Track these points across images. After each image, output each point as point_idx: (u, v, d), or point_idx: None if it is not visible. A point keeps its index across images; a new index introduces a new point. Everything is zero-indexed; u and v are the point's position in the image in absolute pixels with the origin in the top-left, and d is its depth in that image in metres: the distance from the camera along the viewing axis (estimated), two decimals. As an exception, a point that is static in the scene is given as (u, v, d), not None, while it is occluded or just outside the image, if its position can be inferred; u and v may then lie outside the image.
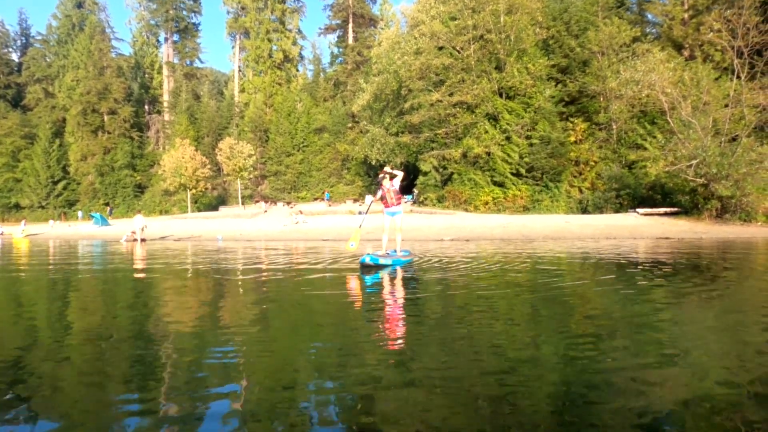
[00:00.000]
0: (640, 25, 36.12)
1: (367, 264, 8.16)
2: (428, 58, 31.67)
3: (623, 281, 6.72)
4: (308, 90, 57.52)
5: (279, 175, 50.69)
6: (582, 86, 31.28)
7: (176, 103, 61.32)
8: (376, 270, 7.92)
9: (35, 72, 66.04)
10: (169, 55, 68.46)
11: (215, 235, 22.24)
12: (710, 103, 23.73)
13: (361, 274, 7.58)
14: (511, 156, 29.57)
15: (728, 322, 4.31)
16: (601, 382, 2.75)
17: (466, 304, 5.25)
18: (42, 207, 56.15)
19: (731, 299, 5.52)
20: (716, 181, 20.73)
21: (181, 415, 2.42)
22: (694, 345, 3.53)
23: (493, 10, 30.10)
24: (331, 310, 5.15)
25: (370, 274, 7.56)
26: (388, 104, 40.24)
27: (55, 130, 58.94)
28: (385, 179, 9.03)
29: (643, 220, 21.82)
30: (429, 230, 19.62)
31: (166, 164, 44.32)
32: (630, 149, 28.66)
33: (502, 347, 3.52)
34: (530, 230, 19.01)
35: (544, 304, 5.19)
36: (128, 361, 3.35)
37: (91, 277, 8.73)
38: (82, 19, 67.35)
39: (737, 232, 17.80)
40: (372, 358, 3.31)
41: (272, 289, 6.65)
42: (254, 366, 3.23)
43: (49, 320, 5.01)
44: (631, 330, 3.95)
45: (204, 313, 5.17)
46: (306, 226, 25.90)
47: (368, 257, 8.26)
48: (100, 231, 31.33)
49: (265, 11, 60.92)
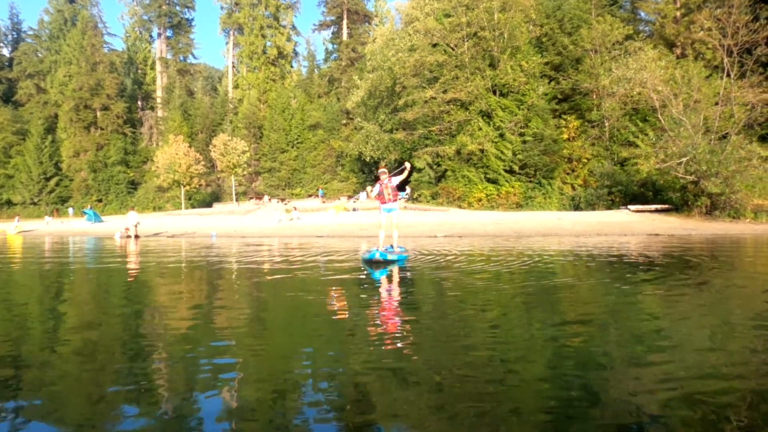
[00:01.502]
0: (633, 23, 36.35)
1: (376, 260, 8.31)
2: (422, 55, 31.74)
3: (612, 276, 6.87)
4: (302, 86, 57.42)
5: (273, 171, 50.63)
6: (575, 84, 31.47)
7: (170, 99, 61.03)
8: (384, 266, 8.08)
9: (27, 67, 65.45)
10: (163, 51, 68.05)
11: (209, 231, 22.26)
12: (701, 101, 23.96)
13: (369, 269, 7.73)
14: (504, 153, 29.73)
15: (708, 311, 4.47)
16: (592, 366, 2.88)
17: (460, 301, 5.37)
18: (34, 203, 55.78)
19: (709, 293, 5.69)
20: (706, 178, 20.99)
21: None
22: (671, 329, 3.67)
23: (487, 7, 30.18)
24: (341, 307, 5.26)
25: (378, 269, 7.73)
26: (382, 101, 40.28)
27: (47, 126, 58.47)
28: (384, 174, 9.13)
29: (635, 217, 22.05)
30: (422, 227, 19.74)
31: (160, 161, 44.14)
32: (622, 146, 28.91)
33: (494, 340, 3.64)
34: (522, 227, 19.18)
35: (526, 296, 5.33)
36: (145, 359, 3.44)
37: (95, 275, 8.78)
38: (74, 15, 66.74)
39: (726, 228, 18.05)
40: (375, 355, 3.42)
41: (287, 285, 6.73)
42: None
43: (44, 318, 5.08)
44: (616, 318, 4.10)
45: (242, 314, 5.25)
46: (300, 222, 25.97)
47: (378, 253, 8.41)
48: (93, 227, 31.23)
49: (259, 7, 60.65)
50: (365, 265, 8.26)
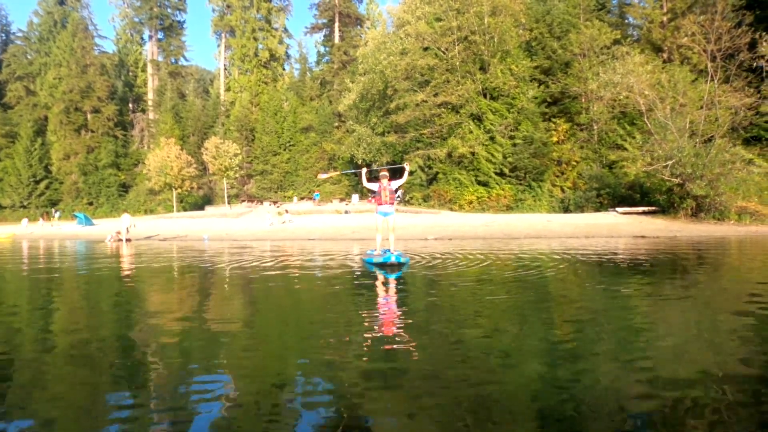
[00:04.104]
0: (621, 27, 36.85)
1: (391, 263, 8.51)
2: (414, 58, 32.03)
3: (598, 278, 7.10)
4: (294, 89, 57.50)
5: (265, 174, 50.63)
6: (564, 87, 31.89)
7: (161, 101, 60.83)
8: (399, 268, 8.28)
9: (16, 69, 64.87)
10: (154, 53, 67.83)
11: (201, 234, 22.32)
12: (687, 104, 24.43)
13: (384, 272, 7.92)
14: (494, 156, 30.06)
15: (678, 306, 4.71)
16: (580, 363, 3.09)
17: (452, 304, 5.56)
18: (24, 206, 55.30)
19: (680, 289, 5.94)
20: (691, 180, 21.40)
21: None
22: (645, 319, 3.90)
23: (477, 11, 30.55)
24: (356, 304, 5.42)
25: (393, 272, 7.94)
26: (374, 104, 40.49)
27: (37, 128, 58.03)
28: (385, 177, 9.29)
29: (622, 219, 22.42)
30: (414, 229, 19.96)
31: (151, 163, 44.04)
32: (610, 149, 29.32)
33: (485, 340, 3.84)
34: (512, 229, 19.46)
35: (508, 292, 5.55)
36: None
37: (84, 281, 8.87)
38: (64, 16, 66.32)
39: (710, 230, 18.42)
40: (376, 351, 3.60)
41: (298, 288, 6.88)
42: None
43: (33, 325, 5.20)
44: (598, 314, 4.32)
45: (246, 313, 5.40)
46: (292, 225, 26.08)
47: (393, 256, 8.60)
48: (84, 231, 31.11)
49: (250, 9, 60.67)
50: (377, 268, 8.40)
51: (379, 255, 9.07)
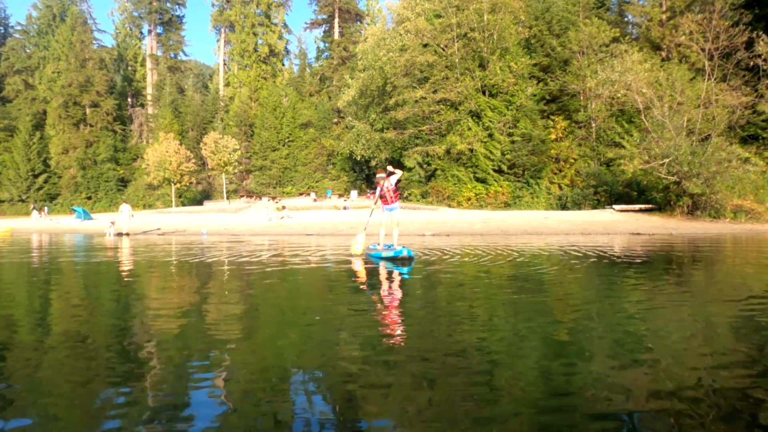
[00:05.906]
0: (620, 25, 36.91)
1: (402, 257, 8.65)
2: (413, 55, 32.04)
3: (593, 273, 7.23)
4: (294, 85, 57.42)
5: (264, 169, 50.65)
6: (562, 85, 31.97)
7: (160, 96, 60.70)
8: (409, 262, 8.40)
9: (14, 63, 64.65)
10: (153, 48, 67.62)
11: (200, 229, 22.40)
12: (684, 103, 24.53)
13: (396, 267, 8.02)
14: (493, 153, 30.16)
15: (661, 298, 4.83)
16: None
17: (449, 298, 5.68)
18: (22, 200, 55.26)
19: (669, 285, 6.07)
20: (687, 178, 21.51)
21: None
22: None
23: (477, 8, 30.57)
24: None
25: (405, 266, 8.06)
26: (373, 100, 40.50)
27: (36, 122, 57.89)
28: (384, 180, 9.33)
29: (619, 216, 22.55)
30: (411, 225, 20.04)
31: (150, 158, 44.01)
32: (608, 147, 29.41)
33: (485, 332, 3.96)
34: (509, 225, 19.58)
35: (503, 288, 5.67)
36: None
37: (84, 274, 8.96)
38: (63, 10, 66.01)
39: (705, 228, 18.57)
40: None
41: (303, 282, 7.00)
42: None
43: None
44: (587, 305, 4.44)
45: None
46: (290, 221, 26.17)
47: (405, 251, 8.73)
48: (83, 225, 31.17)
49: (250, 5, 60.51)
50: (388, 262, 8.48)
51: (381, 249, 9.17)
